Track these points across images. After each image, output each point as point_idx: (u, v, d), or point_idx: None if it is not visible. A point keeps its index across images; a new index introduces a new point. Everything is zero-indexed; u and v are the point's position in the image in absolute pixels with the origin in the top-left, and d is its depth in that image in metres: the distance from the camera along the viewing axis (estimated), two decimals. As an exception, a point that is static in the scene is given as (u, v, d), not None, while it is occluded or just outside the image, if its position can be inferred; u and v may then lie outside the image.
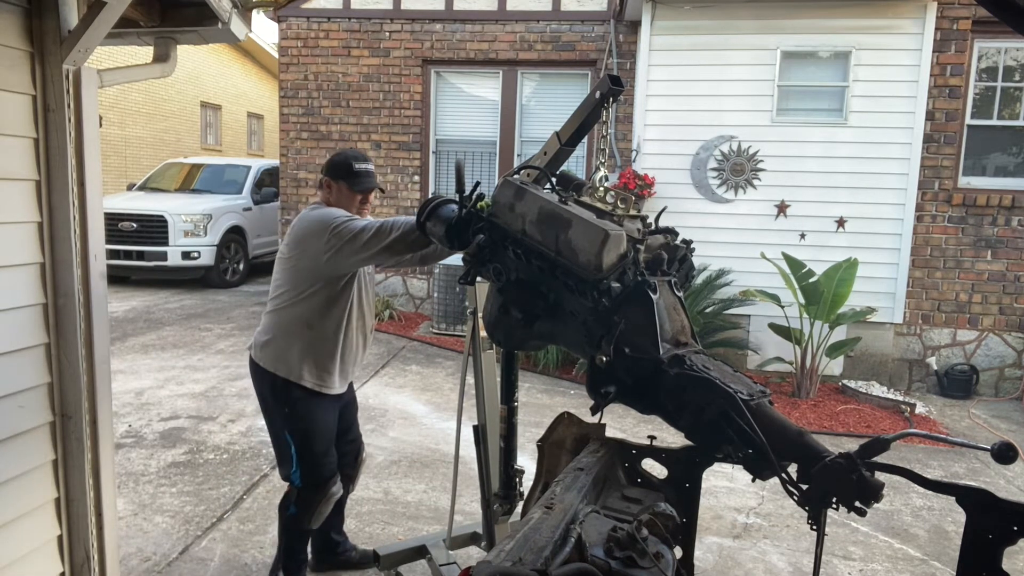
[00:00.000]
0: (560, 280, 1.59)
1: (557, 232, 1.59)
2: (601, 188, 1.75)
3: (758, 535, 3.79)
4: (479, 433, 2.59)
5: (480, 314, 2.48)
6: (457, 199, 1.96)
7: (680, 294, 1.73)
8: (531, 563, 1.23)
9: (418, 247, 2.35)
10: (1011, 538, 1.27)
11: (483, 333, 2.57)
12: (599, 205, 1.69)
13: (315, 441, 2.71)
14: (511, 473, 2.47)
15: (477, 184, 1.92)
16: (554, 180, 1.93)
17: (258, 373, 2.73)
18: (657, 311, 1.53)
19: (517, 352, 2.43)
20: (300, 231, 2.60)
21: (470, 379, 2.65)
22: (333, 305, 2.62)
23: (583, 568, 1.26)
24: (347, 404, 2.98)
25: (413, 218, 2.29)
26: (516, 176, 1.86)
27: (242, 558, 3.27)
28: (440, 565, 2.78)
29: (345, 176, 2.71)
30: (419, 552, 2.94)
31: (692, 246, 1.80)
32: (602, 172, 1.83)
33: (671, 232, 1.78)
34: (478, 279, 1.92)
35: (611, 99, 1.92)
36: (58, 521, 2.31)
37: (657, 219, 1.86)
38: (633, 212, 1.72)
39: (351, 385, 2.99)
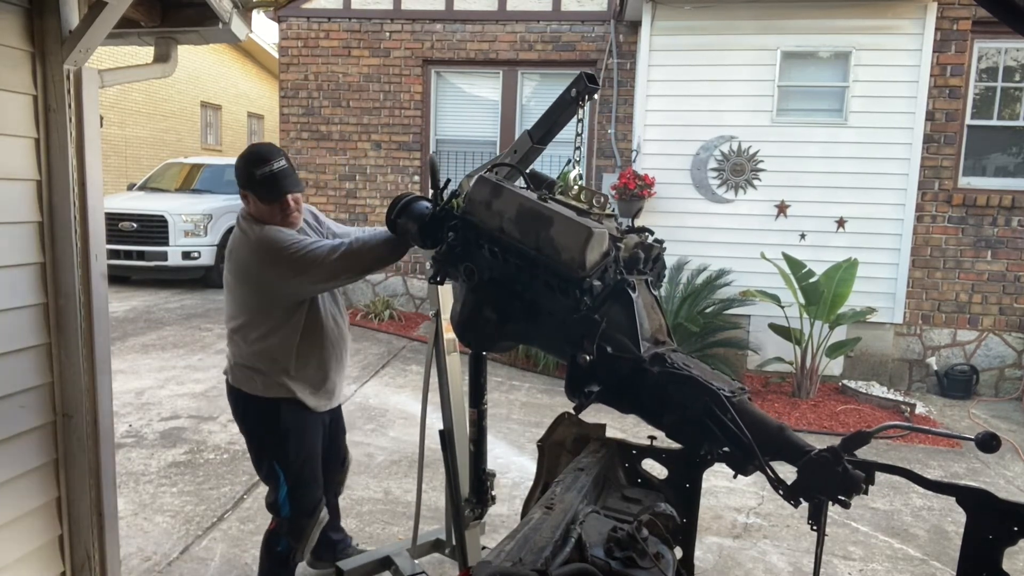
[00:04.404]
0: (541, 279, 1.57)
1: (538, 230, 1.56)
2: (575, 187, 1.74)
3: (758, 535, 3.79)
4: (445, 438, 2.54)
5: (446, 315, 2.45)
6: (430, 197, 1.94)
7: (656, 293, 1.73)
8: (531, 563, 1.23)
9: (386, 263, 2.22)
10: (1011, 538, 1.28)
11: (448, 335, 2.55)
12: (575, 203, 1.68)
13: (305, 468, 2.57)
14: (482, 477, 2.39)
15: (448, 181, 1.91)
16: (526, 178, 1.92)
17: (242, 399, 2.56)
18: (637, 310, 1.54)
19: (485, 354, 2.31)
20: (245, 262, 2.40)
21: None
22: (303, 323, 2.46)
23: (583, 568, 1.26)
24: (334, 419, 2.84)
25: (376, 231, 2.21)
26: (490, 173, 1.83)
27: (243, 558, 3.28)
28: (407, 575, 2.77)
29: (250, 186, 2.40)
30: (384, 564, 2.90)
31: (664, 245, 1.80)
32: (576, 171, 1.82)
33: (645, 231, 1.77)
34: (447, 280, 1.88)
35: (586, 97, 1.90)
36: (59, 521, 2.31)
37: (633, 219, 1.86)
38: (608, 211, 1.72)
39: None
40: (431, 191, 1.94)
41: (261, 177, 2.36)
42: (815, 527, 1.42)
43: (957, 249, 6.71)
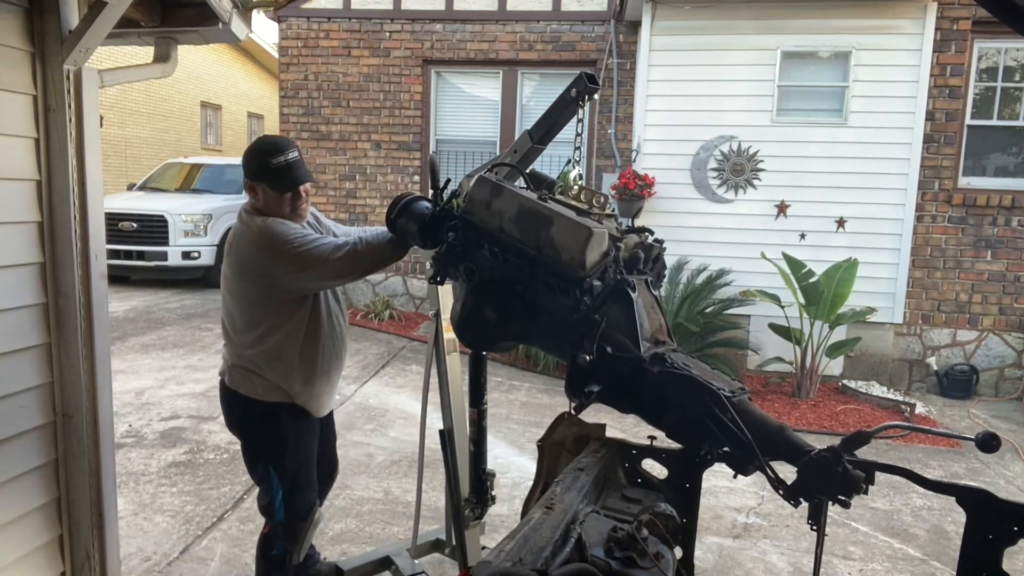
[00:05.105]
0: (540, 279, 1.57)
1: (538, 230, 1.56)
2: (575, 187, 1.74)
3: (758, 535, 3.79)
4: (445, 438, 2.53)
5: (446, 315, 2.45)
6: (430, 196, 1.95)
7: (656, 293, 1.73)
8: (531, 563, 1.23)
9: (387, 263, 2.23)
10: (1011, 538, 1.28)
11: (448, 335, 2.55)
12: (575, 203, 1.68)
13: (300, 473, 2.53)
14: (482, 477, 2.37)
15: (448, 181, 1.91)
16: (526, 178, 1.92)
17: (239, 402, 2.52)
18: (636, 310, 1.54)
19: (485, 353, 2.28)
20: (246, 255, 2.35)
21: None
22: (306, 321, 2.42)
23: (583, 568, 1.26)
24: (327, 424, 2.79)
25: (378, 231, 2.21)
26: (490, 173, 1.84)
27: (242, 557, 3.28)
28: (407, 575, 2.77)
29: (262, 176, 2.32)
30: (384, 563, 2.90)
31: (664, 245, 1.80)
32: (576, 171, 1.82)
33: (645, 231, 1.77)
34: (447, 280, 1.88)
35: (586, 97, 1.90)
36: (59, 521, 2.31)
37: (633, 219, 1.86)
38: (608, 211, 1.72)
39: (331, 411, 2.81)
40: (431, 191, 1.95)
41: (276, 167, 2.30)
42: (815, 527, 1.42)
43: (957, 249, 6.71)
